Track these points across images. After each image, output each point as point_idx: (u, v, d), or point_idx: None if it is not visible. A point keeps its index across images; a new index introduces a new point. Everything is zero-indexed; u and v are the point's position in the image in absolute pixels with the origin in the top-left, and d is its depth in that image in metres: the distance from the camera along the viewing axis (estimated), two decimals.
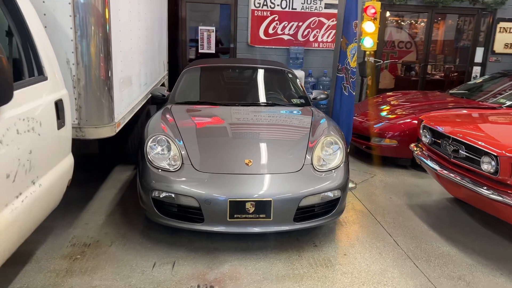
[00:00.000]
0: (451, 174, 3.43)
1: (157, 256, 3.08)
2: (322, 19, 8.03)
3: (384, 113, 5.79)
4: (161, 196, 3.06)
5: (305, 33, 8.03)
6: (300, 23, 7.98)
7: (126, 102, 3.69)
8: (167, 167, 3.15)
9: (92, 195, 4.12)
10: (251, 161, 3.17)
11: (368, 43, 7.78)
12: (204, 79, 4.72)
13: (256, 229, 2.99)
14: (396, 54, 9.28)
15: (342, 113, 4.48)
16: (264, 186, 3.01)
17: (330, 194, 3.18)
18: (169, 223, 3.11)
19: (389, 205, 4.22)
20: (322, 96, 4.69)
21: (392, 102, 6.29)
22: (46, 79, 2.55)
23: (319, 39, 8.09)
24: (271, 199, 2.93)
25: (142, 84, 4.49)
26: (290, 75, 4.84)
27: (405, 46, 9.39)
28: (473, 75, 8.96)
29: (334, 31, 8.07)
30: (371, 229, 3.66)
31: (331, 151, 3.39)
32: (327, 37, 8.12)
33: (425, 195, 4.54)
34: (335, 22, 7.79)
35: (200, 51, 7.92)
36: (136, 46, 4.09)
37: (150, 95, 4.66)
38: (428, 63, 9.03)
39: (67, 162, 2.85)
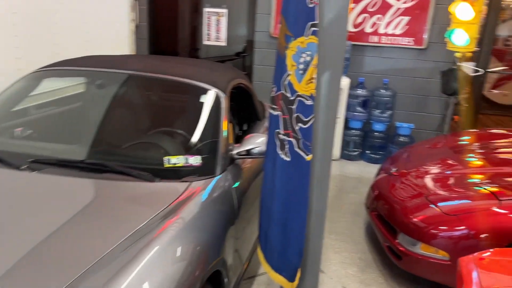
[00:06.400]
0: None
1: None
2: None
3: (436, 181, 2.90)
4: None
5: (359, 19, 5.22)
6: (352, 5, 5.20)
7: None
8: None
9: None
10: None
11: (461, 39, 4.61)
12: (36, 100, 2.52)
13: None
14: None
15: (274, 207, 1.85)
16: None
17: None
18: None
19: None
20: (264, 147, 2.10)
21: (459, 156, 3.30)
22: None
23: (381, 30, 5.20)
24: None
25: None
26: (204, 100, 2.33)
27: None
28: None
29: (407, 18, 5.11)
30: None
31: None
32: (395, 28, 5.18)
33: None
34: (413, 2, 4.94)
35: (205, 42, 5.69)
36: None
37: None
38: None
39: None
